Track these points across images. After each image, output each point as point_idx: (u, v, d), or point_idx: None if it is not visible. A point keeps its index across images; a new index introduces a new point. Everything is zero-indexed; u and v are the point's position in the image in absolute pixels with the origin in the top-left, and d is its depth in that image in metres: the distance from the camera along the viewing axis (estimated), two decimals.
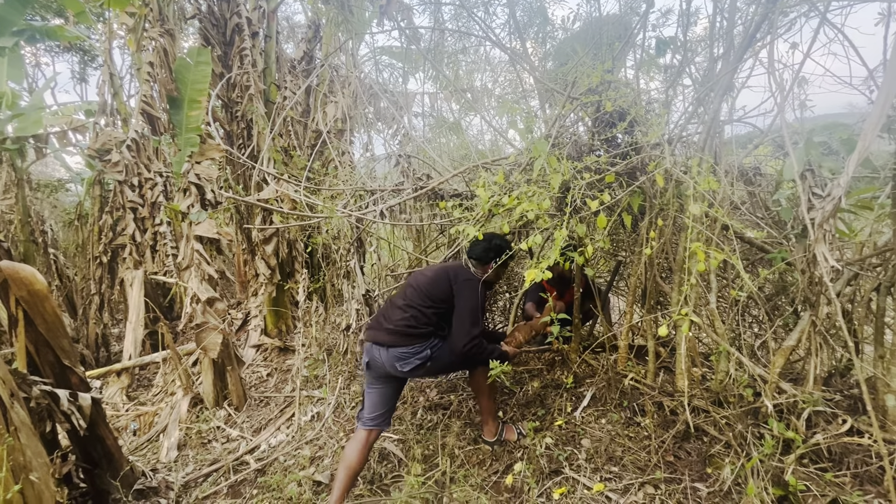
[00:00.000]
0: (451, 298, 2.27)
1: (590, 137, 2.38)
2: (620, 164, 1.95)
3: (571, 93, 2.30)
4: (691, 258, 2.01)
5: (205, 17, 4.08)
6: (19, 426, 1.95)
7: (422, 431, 2.79)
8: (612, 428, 2.41)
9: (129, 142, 3.46)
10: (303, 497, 2.45)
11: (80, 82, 10.07)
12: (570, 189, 1.87)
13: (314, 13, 5.74)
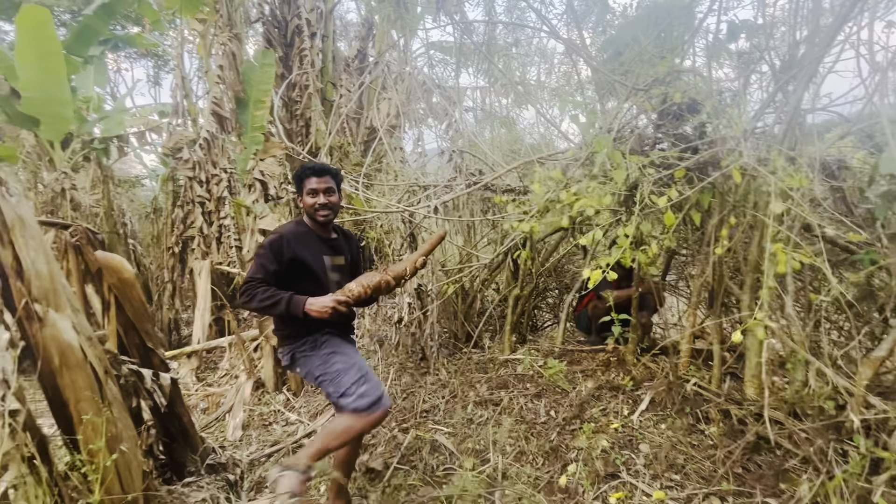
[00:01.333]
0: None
1: (654, 130, 2.27)
2: (690, 159, 1.85)
3: (635, 84, 2.20)
4: (768, 259, 1.88)
5: (267, 21, 4.28)
6: (112, 401, 2.15)
7: (472, 426, 2.81)
8: (673, 434, 2.31)
9: (200, 141, 3.70)
10: (357, 483, 2.54)
11: (153, 86, 10.92)
12: (637, 185, 1.80)
13: (367, 11, 5.86)
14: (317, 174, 2.02)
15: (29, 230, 1.91)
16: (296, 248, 1.98)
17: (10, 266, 1.87)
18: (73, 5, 8.40)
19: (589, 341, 3.43)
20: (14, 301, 1.89)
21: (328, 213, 2.03)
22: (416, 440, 2.79)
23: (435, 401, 3.18)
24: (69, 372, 2.00)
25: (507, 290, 3.66)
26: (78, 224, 2.32)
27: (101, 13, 5.33)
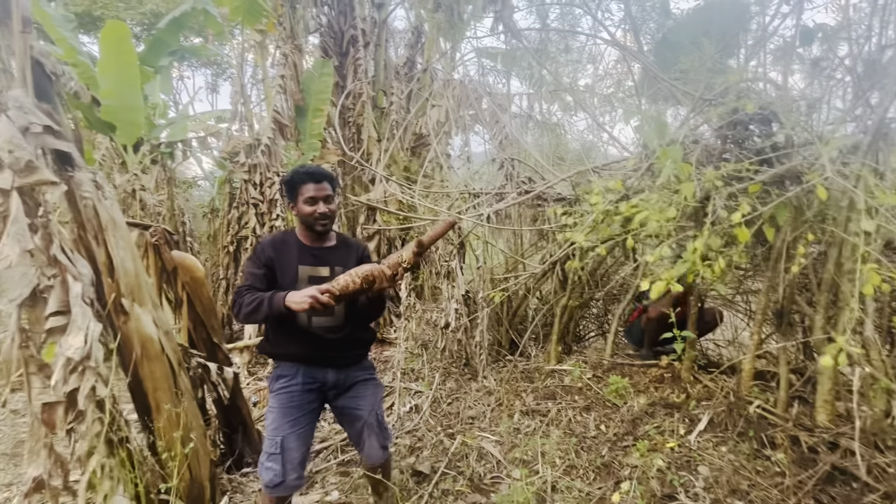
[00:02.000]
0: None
1: (722, 142, 2.19)
2: (766, 173, 1.77)
3: (703, 94, 2.14)
4: (849, 278, 1.77)
5: (325, 31, 4.45)
6: (184, 391, 2.30)
7: (519, 435, 2.79)
8: (735, 458, 2.21)
9: (262, 147, 3.89)
10: (405, 484, 2.58)
11: (211, 92, 11.56)
12: (707, 199, 1.75)
13: (417, 19, 5.97)
14: (315, 180, 1.81)
15: (119, 231, 2.08)
16: (271, 254, 1.85)
17: (103, 263, 2.04)
18: (143, 18, 9.06)
19: (640, 355, 3.33)
20: (105, 296, 2.06)
21: (327, 223, 1.84)
22: (463, 446, 2.81)
23: (480, 408, 3.18)
24: (149, 363, 2.15)
25: (555, 300, 3.62)
26: (157, 225, 2.50)
27: (172, 27, 5.72)
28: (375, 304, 1.88)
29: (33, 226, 1.82)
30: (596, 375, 3.19)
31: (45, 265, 1.86)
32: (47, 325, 1.84)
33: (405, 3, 4.91)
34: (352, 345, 1.95)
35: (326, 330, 1.88)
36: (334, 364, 1.91)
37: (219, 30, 6.50)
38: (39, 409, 1.89)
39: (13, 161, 1.73)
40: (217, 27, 6.43)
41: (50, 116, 1.89)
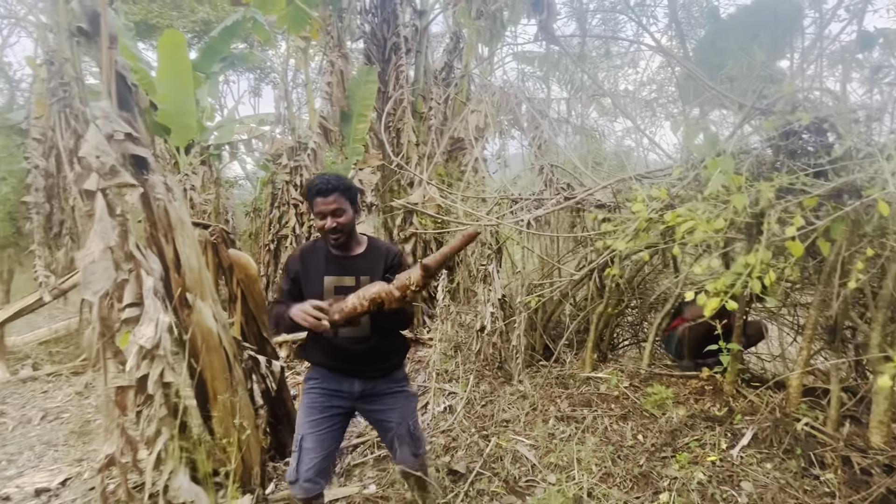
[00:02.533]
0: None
1: (774, 153, 2.15)
2: (823, 187, 1.74)
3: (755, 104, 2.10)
4: None
5: (368, 39, 4.59)
6: (238, 382, 2.45)
7: (554, 441, 2.81)
8: (781, 475, 2.16)
9: (308, 151, 4.06)
10: (441, 482, 2.65)
11: (254, 96, 12.04)
12: (762, 213, 1.73)
13: (455, 24, 6.05)
14: (322, 194, 1.78)
15: (186, 230, 2.24)
16: (297, 267, 1.88)
17: (170, 260, 2.21)
18: (195, 26, 9.54)
19: (680, 366, 3.28)
20: (171, 290, 2.23)
21: (339, 237, 1.81)
22: (498, 448, 2.85)
23: (515, 411, 3.21)
24: (208, 353, 2.30)
25: (591, 307, 3.60)
26: (216, 225, 2.67)
27: (223, 35, 6.03)
28: (397, 314, 1.77)
29: (113, 224, 2.00)
30: (633, 384, 3.16)
31: (121, 261, 2.03)
32: (123, 315, 2.01)
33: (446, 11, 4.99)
34: (378, 356, 1.91)
35: (351, 341, 1.86)
36: (360, 375, 1.91)
37: (266, 37, 6.81)
38: (113, 392, 2.06)
39: (100, 165, 1.91)
40: (264, 34, 6.74)
41: (130, 124, 2.06)
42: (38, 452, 2.84)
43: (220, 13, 9.14)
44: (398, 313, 1.75)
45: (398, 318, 1.83)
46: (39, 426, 3.22)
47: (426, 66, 5.14)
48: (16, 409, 3.46)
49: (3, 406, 3.51)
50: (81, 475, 2.51)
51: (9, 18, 7.22)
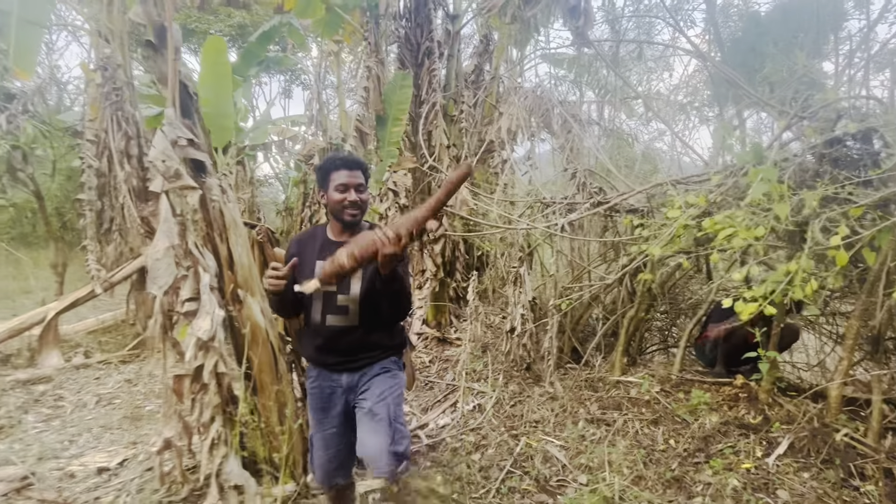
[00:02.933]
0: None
1: (816, 161, 2.14)
2: (870, 197, 1.73)
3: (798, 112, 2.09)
4: None
5: (402, 43, 4.69)
6: (282, 374, 2.57)
7: (584, 442, 2.84)
8: (819, 485, 2.14)
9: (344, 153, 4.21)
10: (472, 478, 2.72)
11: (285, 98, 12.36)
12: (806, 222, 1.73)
13: (486, 27, 6.10)
14: (348, 167, 1.73)
15: (238, 230, 2.37)
16: (294, 251, 1.81)
17: (224, 258, 2.34)
18: (231, 31, 9.88)
19: (712, 373, 3.26)
20: (224, 286, 2.37)
21: (357, 213, 1.74)
22: (528, 448, 2.90)
23: (544, 412, 3.25)
24: (256, 346, 2.43)
25: (622, 311, 3.61)
26: (262, 225, 2.80)
27: (261, 39, 6.23)
28: (393, 291, 1.61)
29: (175, 224, 2.14)
30: (664, 390, 3.16)
31: (181, 258, 2.17)
32: (183, 308, 2.15)
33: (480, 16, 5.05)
34: (365, 349, 1.79)
35: (337, 331, 1.76)
36: (346, 368, 1.80)
37: (300, 41, 7.00)
38: (171, 380, 2.21)
39: (165, 169, 2.05)
40: (299, 38, 6.93)
41: (191, 130, 2.21)
42: (95, 434, 3.04)
43: (255, 18, 9.44)
44: (393, 289, 1.60)
45: (394, 297, 1.64)
46: (94, 410, 3.44)
47: (458, 70, 5.22)
48: (72, 394, 3.70)
49: (61, 391, 3.76)
50: (137, 457, 2.68)
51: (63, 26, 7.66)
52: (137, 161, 4.86)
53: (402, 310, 1.77)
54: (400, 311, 1.77)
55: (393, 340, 1.89)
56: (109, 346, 4.79)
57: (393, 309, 1.73)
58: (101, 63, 4.67)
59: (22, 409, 3.39)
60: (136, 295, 4.93)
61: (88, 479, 2.47)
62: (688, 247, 2.76)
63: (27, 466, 2.53)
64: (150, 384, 3.94)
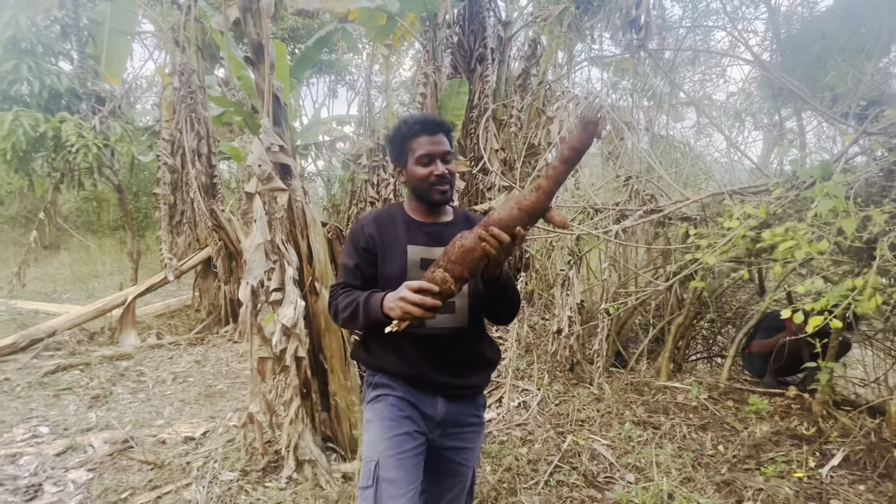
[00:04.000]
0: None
1: (886, 177, 2.15)
2: None
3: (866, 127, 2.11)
4: None
5: (456, 50, 4.85)
6: (349, 361, 2.79)
7: (632, 443, 2.93)
8: (875, 498, 2.16)
9: None
10: (521, 470, 2.86)
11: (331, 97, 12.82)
12: (876, 237, 1.78)
13: (536, 33, 6.19)
14: (429, 131, 1.34)
15: (317, 228, 2.60)
16: (372, 231, 1.37)
17: (304, 254, 2.58)
18: (284, 34, 10.36)
19: (762, 383, 3.26)
20: (304, 279, 2.60)
21: (447, 190, 1.35)
22: (574, 445, 3.01)
23: (589, 412, 3.35)
24: (328, 335, 2.66)
25: (670, 317, 3.65)
26: (332, 224, 3.03)
27: (317, 44, 6.56)
28: (506, 289, 1.32)
29: (266, 222, 2.38)
30: (711, 397, 3.19)
31: (270, 252, 2.41)
32: (270, 298, 2.39)
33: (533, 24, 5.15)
34: (475, 363, 1.42)
35: (443, 337, 1.35)
36: (448, 392, 1.38)
37: (353, 45, 7.31)
38: (256, 362, 2.45)
39: (260, 172, 2.29)
40: (352, 42, 7.24)
41: (281, 137, 2.44)
42: (176, 408, 3.37)
43: (307, 21, 9.86)
44: (505, 294, 1.32)
45: (507, 297, 1.33)
46: (172, 386, 3.78)
47: (508, 75, 5.34)
48: (151, 370, 4.08)
49: (141, 367, 4.14)
50: (216, 429, 2.96)
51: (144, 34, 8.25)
52: (207, 159, 5.26)
53: (518, 300, 1.40)
54: (517, 303, 1.40)
55: (495, 353, 1.49)
56: (179, 329, 5.20)
57: (510, 301, 1.36)
58: (179, 68, 5.08)
59: (111, 381, 3.78)
60: (202, 283, 5.34)
61: (178, 447, 2.76)
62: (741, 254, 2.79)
63: (126, 432, 2.85)
64: (217, 366, 4.29)
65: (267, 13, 2.43)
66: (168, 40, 5.52)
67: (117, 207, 8.78)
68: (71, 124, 4.61)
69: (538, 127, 5.08)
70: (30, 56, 4.81)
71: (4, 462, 2.54)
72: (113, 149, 4.99)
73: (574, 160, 1.06)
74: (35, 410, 3.25)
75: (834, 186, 1.80)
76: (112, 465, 2.57)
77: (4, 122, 4.51)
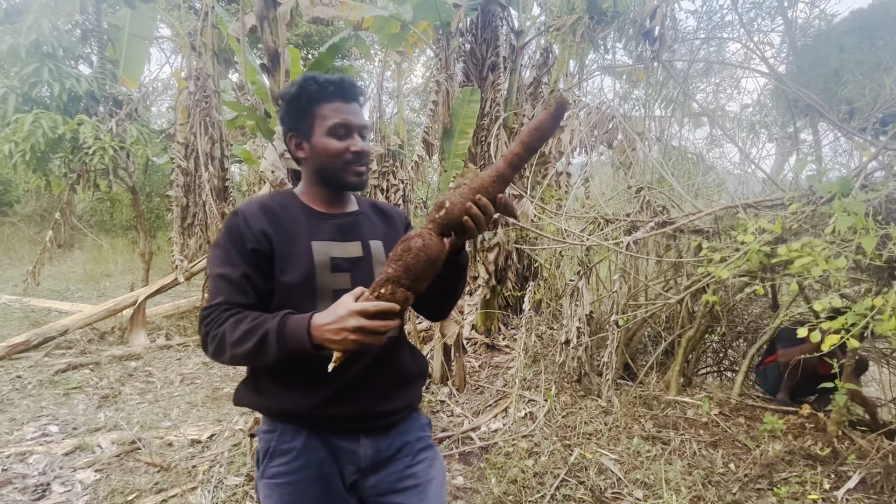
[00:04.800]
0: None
1: None
2: None
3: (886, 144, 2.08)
4: None
5: (468, 58, 4.87)
6: None
7: (640, 458, 2.88)
8: None
9: (411, 164, 4.43)
10: (527, 482, 2.82)
11: None
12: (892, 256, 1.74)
13: (548, 41, 6.19)
14: (346, 97, 1.07)
15: None
16: (264, 229, 1.03)
17: None
18: (298, 40, 10.50)
19: (775, 400, 3.20)
20: None
21: (364, 171, 1.10)
22: (582, 458, 2.97)
23: (597, 425, 3.30)
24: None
25: (680, 330, 3.61)
26: None
27: (330, 51, 6.62)
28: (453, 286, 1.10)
29: None
30: (723, 413, 3.14)
31: None
32: None
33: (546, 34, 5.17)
34: (399, 379, 1.13)
35: (355, 353, 0.97)
36: (370, 425, 1.08)
37: (366, 51, 7.38)
38: None
39: (273, 178, 2.30)
40: (365, 49, 7.30)
41: None
42: (184, 410, 3.38)
43: (320, 27, 9.99)
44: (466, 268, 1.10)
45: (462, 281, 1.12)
46: (180, 388, 3.80)
47: (519, 83, 5.34)
48: (159, 371, 4.11)
49: (150, 368, 4.17)
50: (223, 433, 2.97)
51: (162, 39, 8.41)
52: (219, 162, 5.32)
53: (455, 301, 1.16)
54: (453, 304, 1.17)
55: (420, 362, 1.22)
56: (188, 330, 5.23)
57: (452, 294, 1.12)
58: (195, 73, 5.15)
59: (120, 381, 3.81)
60: None
61: (184, 449, 2.77)
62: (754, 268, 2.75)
63: (133, 433, 2.87)
64: (225, 368, 4.31)
65: (283, 21, 2.46)
66: (185, 45, 5.62)
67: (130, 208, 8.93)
68: (88, 126, 4.70)
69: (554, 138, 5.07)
70: (51, 59, 4.92)
71: (14, 460, 2.57)
72: (128, 151, 5.07)
73: (536, 145, 0.94)
74: (45, 409, 3.28)
75: (853, 203, 1.77)
76: (119, 466, 2.58)
77: (25, 123, 4.61)
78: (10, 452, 2.62)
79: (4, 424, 3.00)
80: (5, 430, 2.93)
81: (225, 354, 0.95)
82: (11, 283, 7.11)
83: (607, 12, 3.71)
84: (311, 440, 1.04)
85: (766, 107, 4.26)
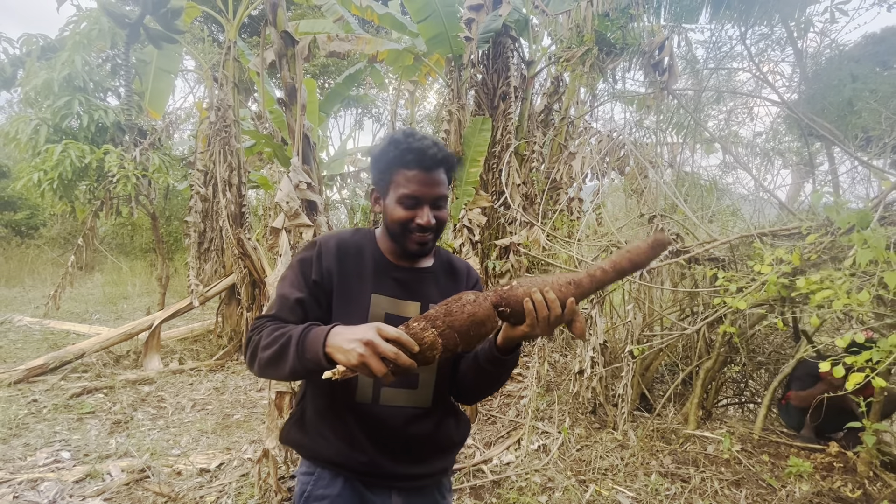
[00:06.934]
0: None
1: None
2: None
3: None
4: None
5: (479, 88, 4.98)
6: None
7: (658, 497, 2.77)
8: None
9: None
10: None
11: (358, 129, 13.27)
12: None
13: (558, 70, 6.31)
14: (425, 166, 1.03)
15: None
16: (331, 265, 1.09)
17: None
18: (315, 70, 10.88)
19: (800, 437, 3.07)
20: None
21: (428, 242, 1.08)
22: (598, 496, 2.86)
23: (613, 460, 3.20)
24: None
25: (698, 361, 3.51)
26: None
27: (347, 81, 6.86)
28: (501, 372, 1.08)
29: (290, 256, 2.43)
30: (745, 449, 3.01)
31: None
32: None
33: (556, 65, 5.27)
34: (439, 446, 1.15)
35: (401, 416, 1.08)
36: (405, 484, 1.13)
37: (380, 81, 7.61)
38: (275, 395, 2.45)
39: (288, 209, 2.35)
40: (379, 79, 7.54)
41: (309, 175, 2.52)
42: (194, 437, 3.37)
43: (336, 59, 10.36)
44: (506, 372, 1.08)
45: (505, 377, 1.11)
46: (191, 414, 3.80)
47: (530, 112, 5.43)
48: (172, 396, 4.12)
49: (162, 392, 4.19)
50: (231, 462, 2.94)
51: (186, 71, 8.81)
52: (237, 189, 5.45)
53: (487, 395, 1.19)
54: (484, 397, 1.20)
55: (463, 431, 1.24)
56: (201, 354, 5.27)
57: (488, 389, 1.15)
58: (216, 104, 5.35)
59: (132, 406, 3.83)
60: (225, 309, 5.44)
61: (192, 479, 2.75)
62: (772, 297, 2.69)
63: (143, 461, 2.86)
64: (235, 394, 4.31)
65: (300, 56, 2.56)
66: (208, 77, 5.86)
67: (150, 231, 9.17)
68: (114, 156, 4.89)
69: (560, 162, 5.11)
70: (82, 93, 5.17)
71: (26, 487, 2.57)
72: (150, 179, 5.24)
73: (626, 270, 0.94)
74: (59, 434, 3.30)
75: (873, 236, 1.73)
76: (128, 494, 2.57)
77: (54, 153, 4.82)
78: (22, 479, 2.63)
79: (18, 450, 3.03)
80: (19, 456, 2.95)
81: (256, 359, 0.99)
82: (33, 305, 7.29)
83: (616, 44, 3.78)
84: (346, 490, 1.10)
85: (780, 133, 4.25)
